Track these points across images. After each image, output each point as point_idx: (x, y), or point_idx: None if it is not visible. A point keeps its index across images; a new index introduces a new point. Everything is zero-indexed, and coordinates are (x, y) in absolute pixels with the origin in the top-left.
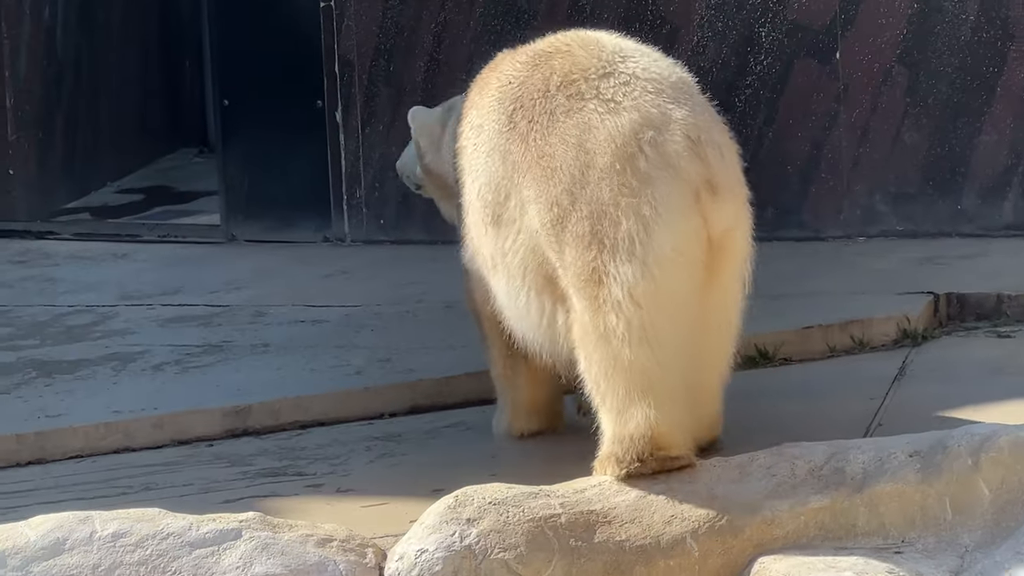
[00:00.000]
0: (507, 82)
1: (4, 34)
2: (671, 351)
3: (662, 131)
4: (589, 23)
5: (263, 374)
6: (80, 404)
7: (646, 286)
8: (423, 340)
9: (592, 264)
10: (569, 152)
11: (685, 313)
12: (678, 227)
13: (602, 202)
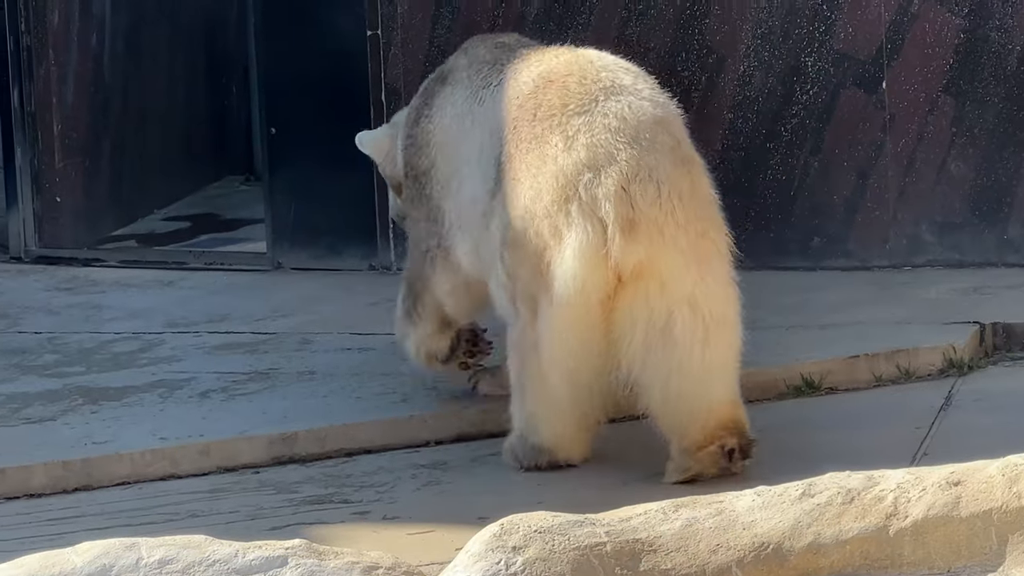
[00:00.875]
0: (516, 94)
1: (52, 61)
2: (578, 379)
3: (600, 173)
4: (636, 51)
5: (309, 402)
6: (126, 431)
7: (558, 323)
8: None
9: (534, 291)
10: (527, 182)
11: (584, 346)
12: (584, 269)
13: (541, 236)
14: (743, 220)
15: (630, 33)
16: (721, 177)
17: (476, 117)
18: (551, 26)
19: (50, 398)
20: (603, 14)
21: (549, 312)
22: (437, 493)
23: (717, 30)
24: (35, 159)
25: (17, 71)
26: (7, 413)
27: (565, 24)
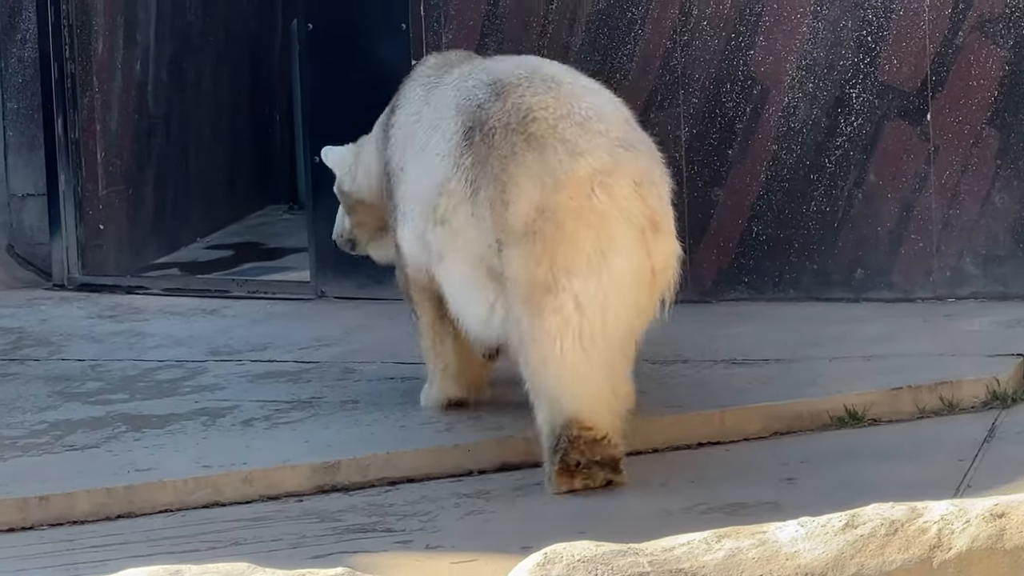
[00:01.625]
0: (467, 98)
1: (96, 89)
2: (604, 353)
3: (612, 175)
4: (680, 82)
5: (352, 430)
6: (169, 458)
7: (596, 299)
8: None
9: (543, 278)
10: (529, 183)
11: (624, 324)
12: (631, 257)
13: (561, 228)
14: (786, 251)
15: (675, 64)
16: (765, 208)
17: (424, 116)
18: (596, 56)
19: (93, 425)
20: (648, 44)
21: (592, 289)
22: (480, 522)
23: (762, 61)
24: (78, 186)
25: (61, 99)
26: (51, 440)
27: (610, 54)
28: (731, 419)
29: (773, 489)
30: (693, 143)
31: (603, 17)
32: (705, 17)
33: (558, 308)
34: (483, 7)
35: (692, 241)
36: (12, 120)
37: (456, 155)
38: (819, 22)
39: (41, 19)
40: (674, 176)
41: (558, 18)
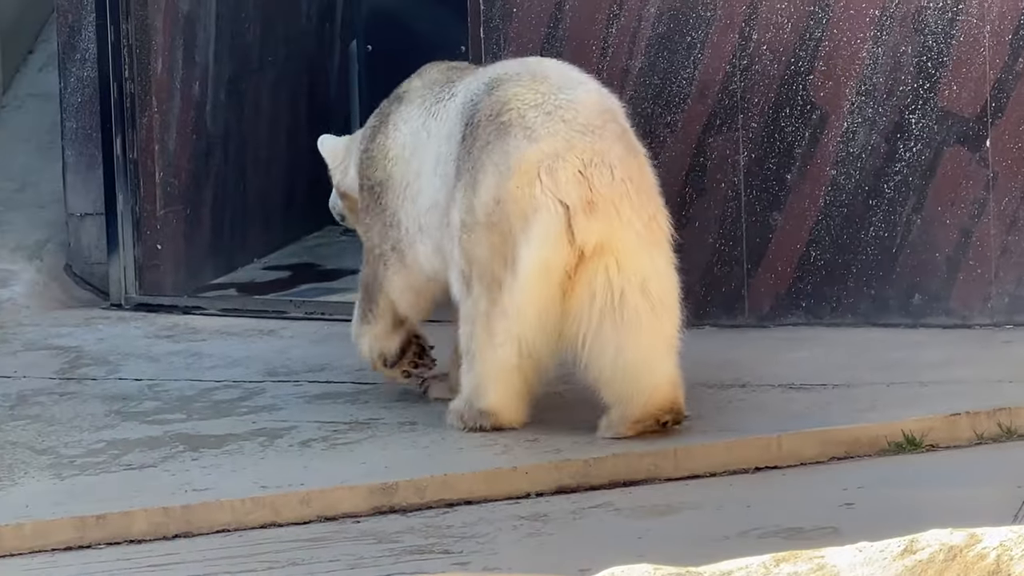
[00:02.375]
0: (468, 100)
1: (155, 109)
2: (530, 347)
3: (561, 158)
4: (739, 106)
5: (410, 452)
6: (227, 479)
7: (520, 298)
8: (570, 420)
9: (495, 272)
10: (491, 171)
11: (544, 319)
12: (543, 252)
13: (508, 220)
14: (844, 276)
15: (734, 88)
16: (823, 233)
17: (431, 130)
18: (655, 80)
19: (151, 445)
20: (708, 69)
21: (511, 286)
22: (537, 545)
23: (821, 86)
24: (136, 206)
25: (120, 119)
26: (108, 459)
27: (669, 78)
28: (788, 444)
29: (831, 514)
30: (752, 167)
31: (663, 41)
32: (765, 42)
33: (503, 311)
34: (542, 30)
35: (750, 266)
36: (71, 139)
37: (457, 156)
38: (879, 47)
39: (101, 39)
40: (732, 200)
41: (618, 41)
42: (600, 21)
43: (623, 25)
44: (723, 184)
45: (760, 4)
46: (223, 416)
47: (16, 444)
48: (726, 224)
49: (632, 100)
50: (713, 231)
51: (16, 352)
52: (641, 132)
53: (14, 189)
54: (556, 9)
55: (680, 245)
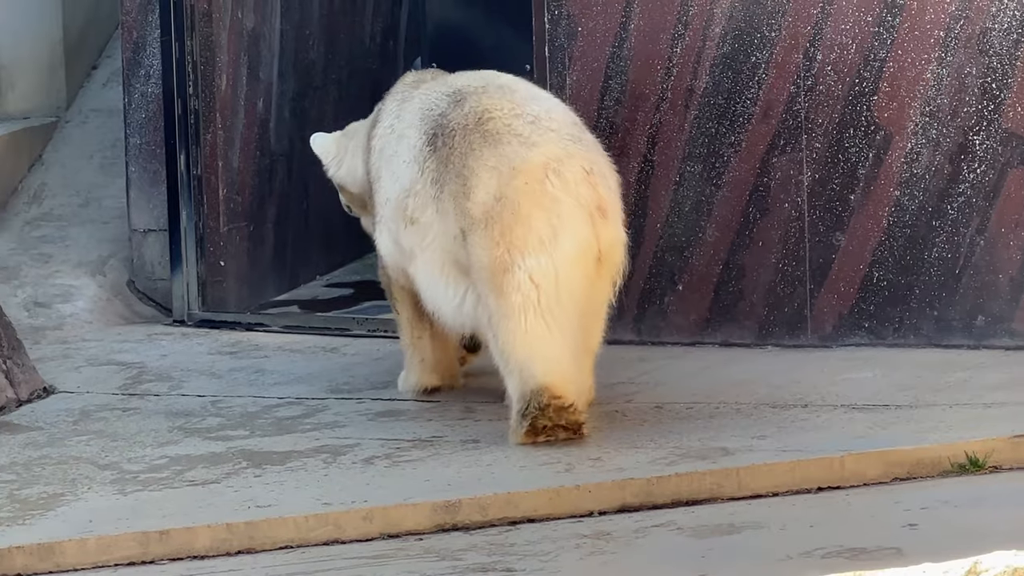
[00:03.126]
0: (429, 108)
1: (219, 125)
2: (563, 324)
3: (564, 162)
4: (804, 126)
5: (473, 470)
6: (290, 495)
7: (549, 274)
8: (633, 439)
9: (501, 258)
10: (487, 174)
11: (578, 297)
12: (579, 235)
13: (517, 212)
14: (907, 297)
15: (798, 108)
16: (886, 254)
17: (395, 129)
18: (720, 100)
19: (214, 461)
20: (772, 89)
21: (544, 264)
22: (600, 563)
23: (885, 107)
24: (200, 223)
25: (184, 135)
26: (171, 475)
27: (734, 98)
28: (851, 464)
29: (894, 535)
30: (815, 188)
31: (727, 61)
32: (829, 62)
33: (517, 286)
34: (608, 49)
35: (813, 286)
36: (135, 155)
37: (420, 160)
38: (943, 68)
39: (165, 55)
40: (795, 221)
41: (682, 61)
42: (665, 41)
43: (688, 45)
44: (786, 204)
45: (825, 24)
46: (286, 433)
47: (79, 459)
48: (789, 244)
49: (696, 120)
50: (776, 251)
51: (79, 367)
52: (705, 152)
53: (78, 204)
54: (621, 28)
55: (742, 265)
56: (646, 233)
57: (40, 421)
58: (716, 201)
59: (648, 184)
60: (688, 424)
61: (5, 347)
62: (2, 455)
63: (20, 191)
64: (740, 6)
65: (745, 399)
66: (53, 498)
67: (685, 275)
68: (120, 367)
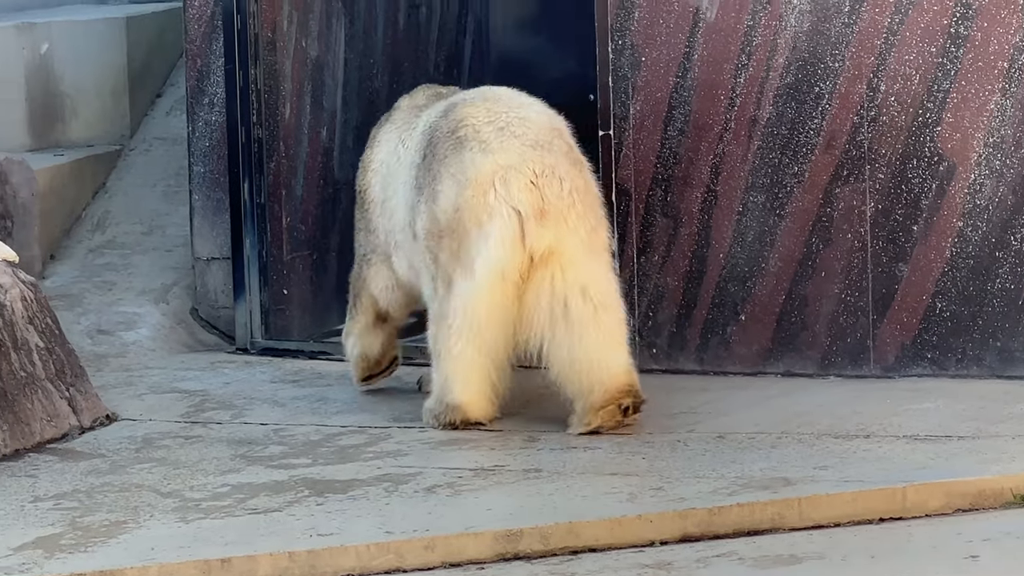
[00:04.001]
0: (428, 125)
1: (282, 154)
2: (488, 347)
3: (513, 169)
4: (867, 157)
5: (535, 499)
6: (352, 523)
7: (473, 299)
8: (695, 469)
9: (451, 273)
10: (449, 182)
11: (500, 316)
12: (499, 253)
13: (464, 227)
14: (970, 328)
15: (861, 139)
16: (949, 285)
17: (401, 156)
18: (783, 130)
19: (276, 489)
20: (836, 119)
21: (468, 286)
22: None
23: (949, 138)
24: (263, 251)
25: (248, 163)
26: (233, 503)
27: (797, 128)
28: (913, 495)
29: (956, 566)
30: (878, 218)
31: (790, 91)
32: (892, 93)
33: (453, 310)
34: (671, 79)
35: (875, 316)
36: (198, 184)
37: (418, 175)
38: (1007, 99)
39: (229, 84)
40: (859, 251)
41: (746, 91)
42: (728, 71)
43: (751, 75)
44: (849, 235)
45: (888, 55)
46: (348, 461)
47: (141, 487)
48: (852, 275)
49: (760, 150)
50: (839, 282)
51: (142, 395)
52: (769, 182)
53: (141, 232)
54: (684, 59)
55: (805, 296)
56: (709, 263)
57: (102, 448)
58: (779, 231)
59: (711, 214)
60: (750, 454)
61: (68, 374)
62: (64, 482)
63: (84, 219)
64: (804, 36)
65: (807, 429)
66: (115, 525)
67: (748, 305)
68: (183, 395)
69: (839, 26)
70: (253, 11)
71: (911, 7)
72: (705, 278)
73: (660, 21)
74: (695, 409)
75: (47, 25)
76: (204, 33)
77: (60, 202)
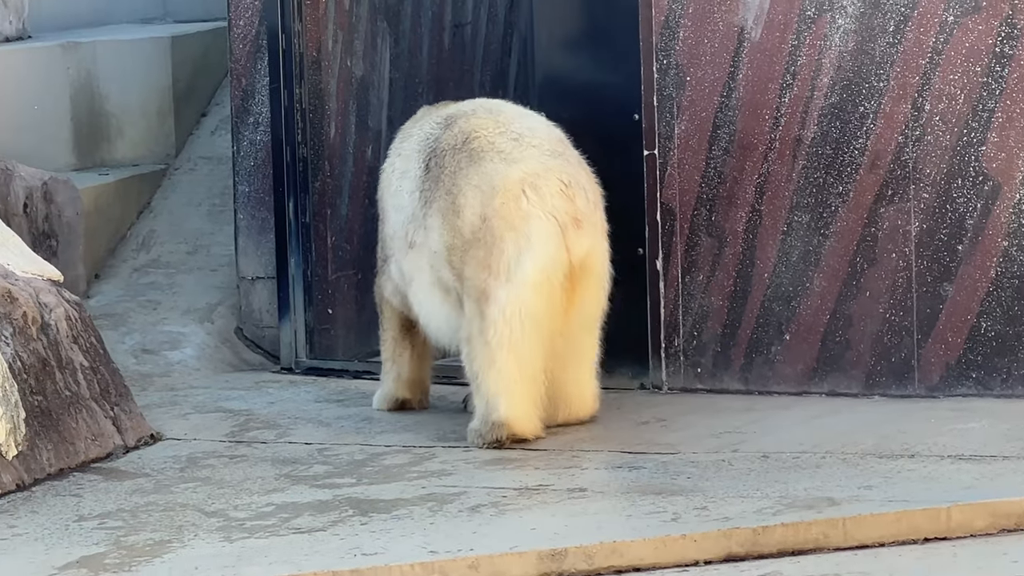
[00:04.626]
0: (425, 137)
1: (327, 173)
2: (532, 358)
3: (541, 176)
4: (911, 177)
5: (580, 518)
6: (396, 543)
7: (517, 306)
8: (739, 488)
9: (483, 285)
10: (472, 193)
11: (547, 325)
12: (545, 254)
13: (494, 235)
14: (1015, 347)
15: (906, 158)
16: (994, 304)
17: (395, 166)
18: (827, 150)
19: (320, 509)
20: (880, 139)
21: (508, 293)
22: None
23: (994, 157)
24: (308, 270)
25: (293, 183)
26: (277, 523)
27: (841, 148)
28: (958, 515)
29: None
30: (923, 238)
31: (835, 111)
32: (937, 112)
33: (493, 321)
34: (716, 99)
35: (920, 336)
36: (243, 203)
37: (420, 187)
38: None
39: (274, 103)
40: (903, 271)
41: (790, 111)
42: (773, 90)
43: (796, 94)
44: (894, 254)
45: (933, 74)
46: (393, 481)
47: (186, 506)
48: (896, 294)
49: (804, 169)
50: (884, 301)
51: (186, 414)
52: (813, 201)
53: (186, 252)
54: (729, 78)
55: (849, 315)
56: (754, 283)
57: (147, 468)
58: (824, 251)
59: (756, 234)
60: (794, 474)
61: (112, 394)
62: (109, 502)
63: (129, 238)
64: (848, 56)
65: (851, 449)
66: (159, 545)
67: (792, 325)
68: (227, 414)
69: (883, 46)
70: (298, 31)
71: (955, 27)
72: (750, 298)
73: (705, 41)
74: (739, 428)
75: (92, 44)
76: (249, 52)
77: (105, 221)
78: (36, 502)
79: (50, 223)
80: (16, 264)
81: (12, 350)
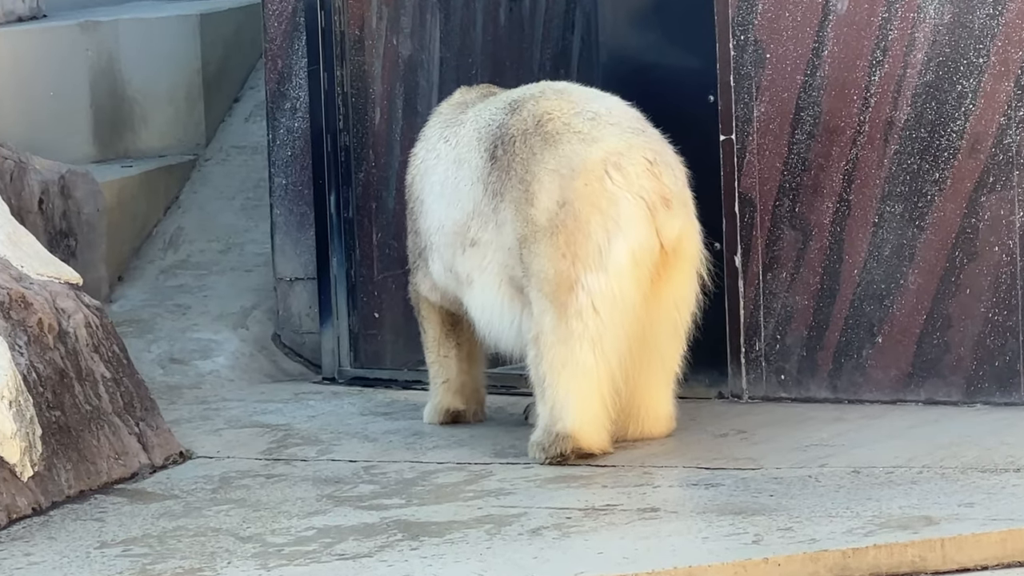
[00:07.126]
0: (487, 124)
1: (372, 163)
2: (613, 357)
3: (625, 155)
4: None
5: (651, 541)
6: (449, 570)
7: (609, 295)
8: (827, 507)
9: (566, 273)
10: (548, 177)
11: (634, 320)
12: (636, 238)
13: (577, 219)
14: None
15: (1009, 141)
16: None
17: (440, 153)
18: (922, 133)
19: (366, 532)
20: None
21: (597, 280)
22: None
23: None
24: (352, 271)
25: (335, 174)
26: (319, 548)
27: (937, 131)
28: None
29: None
30: None
31: (930, 90)
32: None
33: (579, 311)
34: (799, 78)
35: None
36: (280, 197)
37: (484, 178)
38: None
39: (313, 87)
40: (1007, 266)
41: (881, 90)
42: (862, 68)
43: (887, 72)
44: (996, 248)
45: None
46: (446, 501)
47: (219, 531)
48: (1000, 291)
49: (897, 155)
50: (986, 299)
51: (219, 430)
52: (907, 190)
53: (218, 251)
54: (813, 55)
55: (948, 315)
56: (842, 280)
57: (176, 489)
58: (919, 244)
59: (844, 226)
60: (888, 490)
61: (137, 408)
62: (135, 526)
63: (155, 236)
64: (944, 30)
65: (951, 463)
66: (189, 573)
67: (885, 326)
68: (264, 429)
69: (983, 17)
70: (339, 7)
71: None
72: (838, 296)
73: (786, 14)
74: (827, 441)
75: (114, 23)
76: (285, 31)
77: (129, 218)
78: (54, 527)
79: (68, 221)
80: (31, 266)
81: (27, 360)
